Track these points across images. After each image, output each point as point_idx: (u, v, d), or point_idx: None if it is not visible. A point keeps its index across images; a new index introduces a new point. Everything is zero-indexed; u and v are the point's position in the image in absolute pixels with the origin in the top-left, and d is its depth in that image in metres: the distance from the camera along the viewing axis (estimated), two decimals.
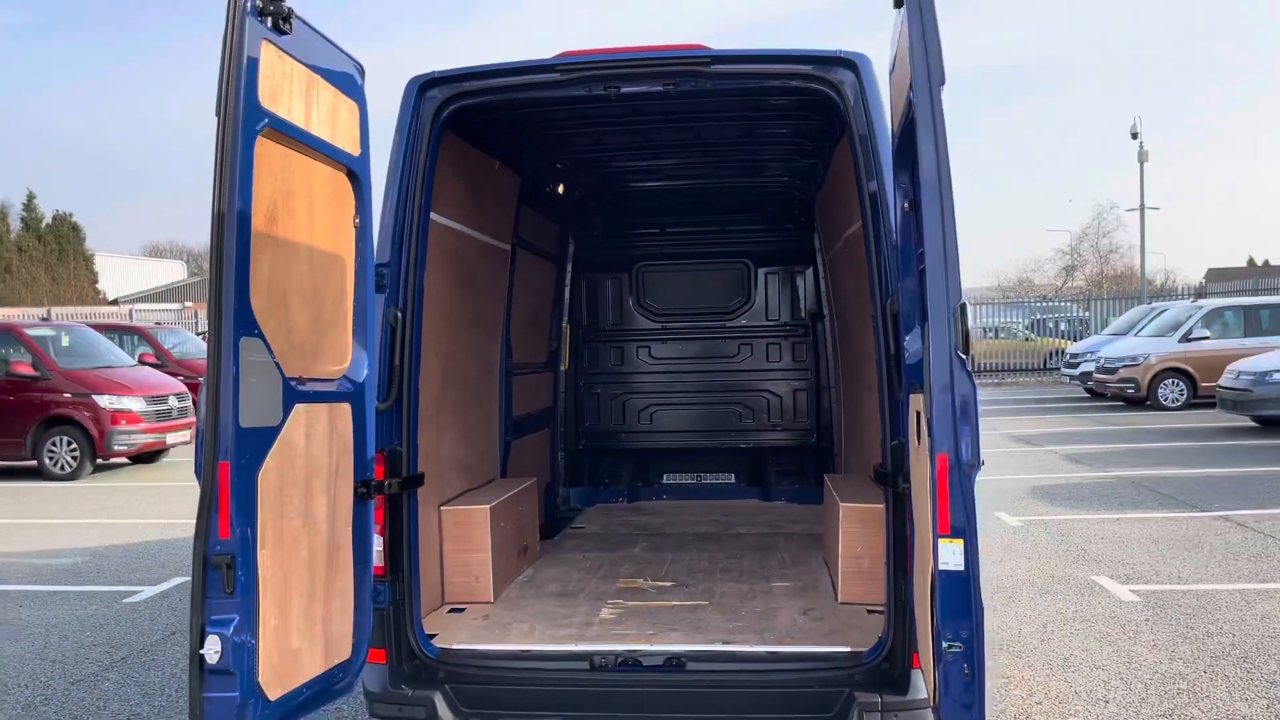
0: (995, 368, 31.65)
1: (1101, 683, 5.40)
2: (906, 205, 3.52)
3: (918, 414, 3.25)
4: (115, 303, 47.39)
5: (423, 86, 4.05)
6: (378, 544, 3.90)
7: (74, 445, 14.09)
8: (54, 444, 14.12)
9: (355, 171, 3.77)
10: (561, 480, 7.51)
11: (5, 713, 5.30)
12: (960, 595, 2.82)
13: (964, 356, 2.83)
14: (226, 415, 3.00)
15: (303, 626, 3.36)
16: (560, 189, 6.71)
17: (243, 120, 3.02)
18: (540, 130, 5.39)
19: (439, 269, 4.74)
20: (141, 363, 17.01)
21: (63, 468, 14.10)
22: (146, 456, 15.38)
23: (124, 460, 15.30)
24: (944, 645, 2.83)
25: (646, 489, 7.65)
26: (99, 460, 14.31)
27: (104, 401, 14.10)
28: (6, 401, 13.98)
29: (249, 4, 3.04)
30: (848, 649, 3.95)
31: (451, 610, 4.72)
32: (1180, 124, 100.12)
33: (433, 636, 4.14)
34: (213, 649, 2.95)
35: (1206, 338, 19.96)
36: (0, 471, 14.36)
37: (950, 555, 2.83)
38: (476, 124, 4.79)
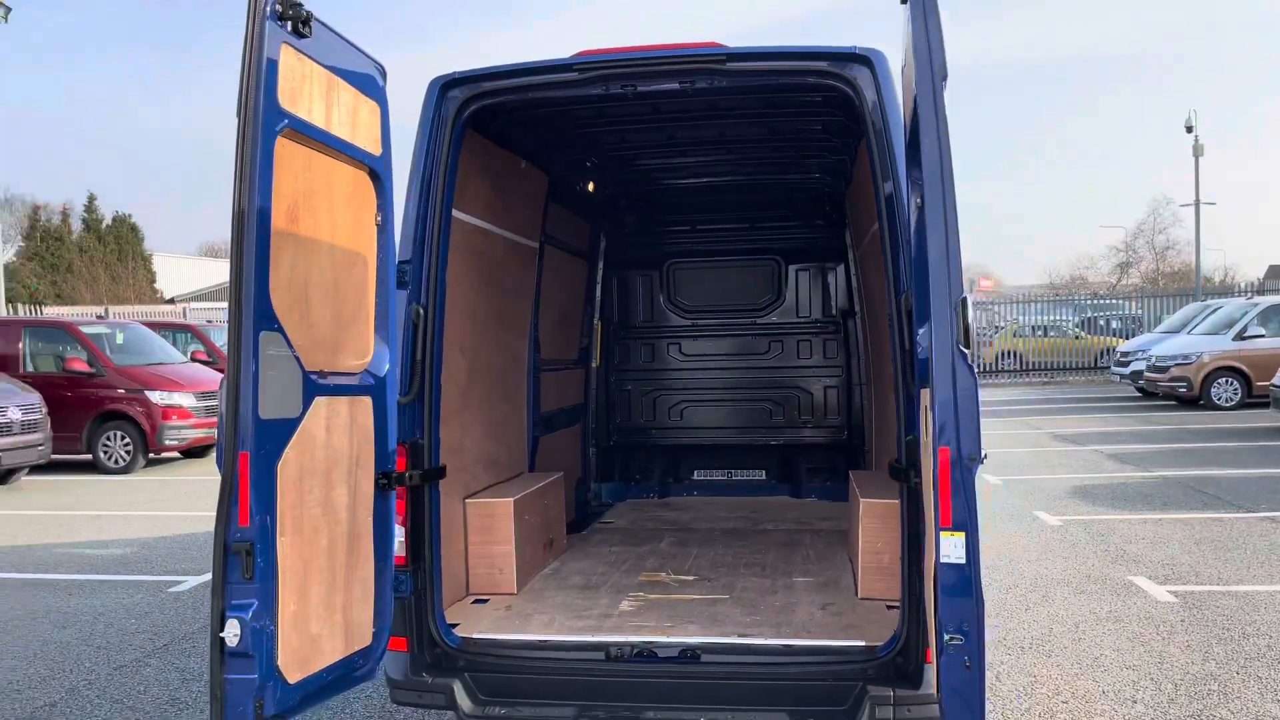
0: (1044, 366, 31.20)
1: (1131, 683, 5.35)
2: (918, 201, 3.52)
3: (925, 409, 3.26)
4: (172, 301, 48.38)
5: (444, 87, 4.13)
6: (399, 534, 3.99)
7: (127, 440, 14.47)
8: (108, 438, 14.52)
9: (377, 171, 3.86)
10: (593, 475, 7.58)
11: (50, 696, 5.49)
12: (961, 588, 2.83)
13: (965, 350, 2.84)
14: (246, 407, 3.10)
15: (322, 613, 3.46)
16: (590, 187, 6.77)
17: (262, 121, 3.11)
18: (565, 129, 5.45)
19: (463, 266, 4.82)
20: (193, 360, 17.41)
21: (116, 461, 14.49)
22: (196, 451, 15.74)
23: (175, 454, 15.67)
24: (945, 638, 2.84)
25: (677, 485, 7.70)
26: (151, 454, 14.68)
27: (156, 397, 14.46)
28: (63, 397, 14.38)
29: (269, 8, 3.14)
30: (863, 643, 3.96)
31: (475, 601, 4.81)
32: (1242, 117, 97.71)
33: (454, 626, 4.22)
34: (232, 632, 3.05)
35: (1262, 335, 19.51)
36: (58, 465, 14.77)
37: (951, 548, 2.84)
38: (500, 124, 4.87)
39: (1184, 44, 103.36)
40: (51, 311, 34.00)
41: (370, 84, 3.78)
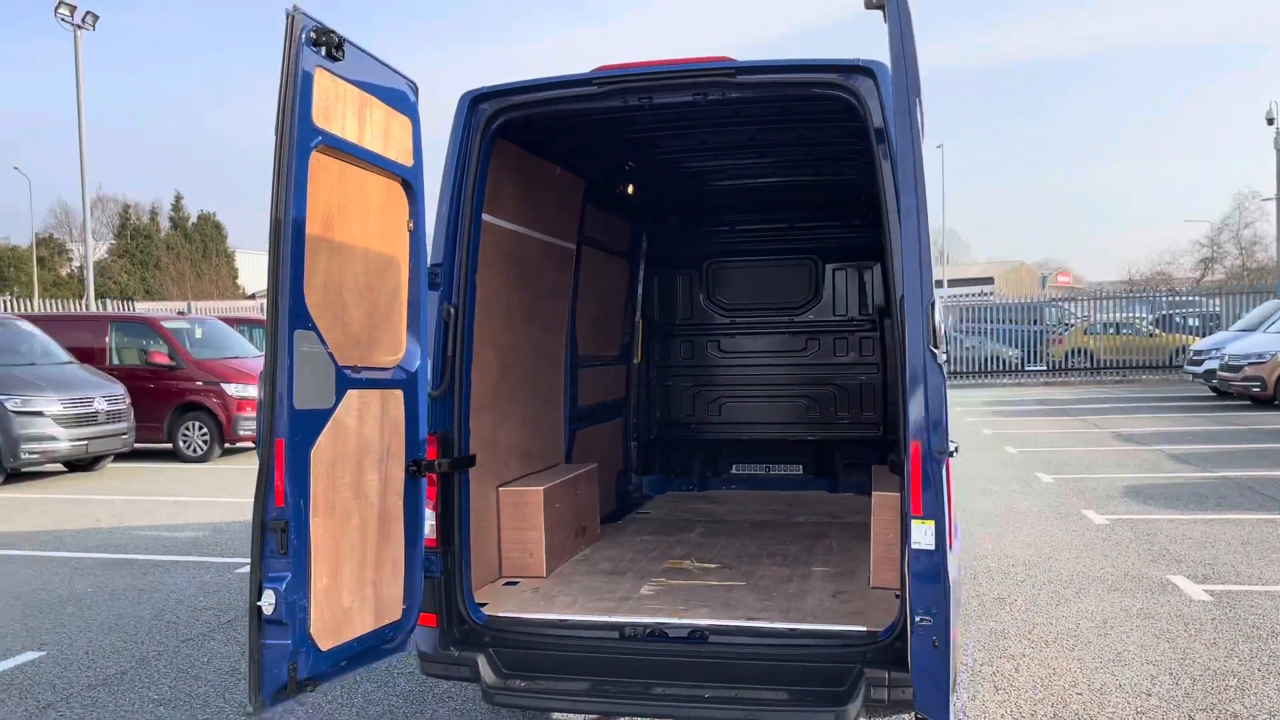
0: (1117, 365, 30.60)
1: (1149, 677, 5.43)
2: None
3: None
4: (253, 297, 49.95)
5: (473, 101, 4.42)
6: (430, 518, 4.29)
7: (205, 430, 15.19)
8: (187, 428, 15.25)
9: (409, 181, 4.16)
10: (634, 468, 7.84)
11: (121, 665, 5.94)
12: (930, 572, 3.02)
13: (935, 350, 3.02)
14: (282, 398, 3.42)
15: (353, 588, 3.78)
16: (630, 189, 7.02)
17: (297, 139, 3.43)
18: (598, 137, 5.71)
19: (496, 268, 5.11)
20: None
21: (195, 450, 15.21)
22: None
23: (249, 444, 16.36)
24: (916, 618, 3.04)
25: (716, 478, 7.92)
26: (226, 444, 15.37)
27: (231, 390, 15.15)
28: (146, 389, 15.13)
29: (304, 35, 3.45)
30: (864, 629, 4.15)
31: (507, 583, 5.10)
32: None
33: (483, 605, 4.51)
34: (268, 602, 3.38)
35: None
36: (141, 453, 15.53)
37: (922, 535, 3.03)
38: (532, 133, 5.14)
39: (1269, 34, 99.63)
40: (141, 307, 35.40)
41: (402, 100, 4.08)
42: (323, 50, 3.54)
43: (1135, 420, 18.51)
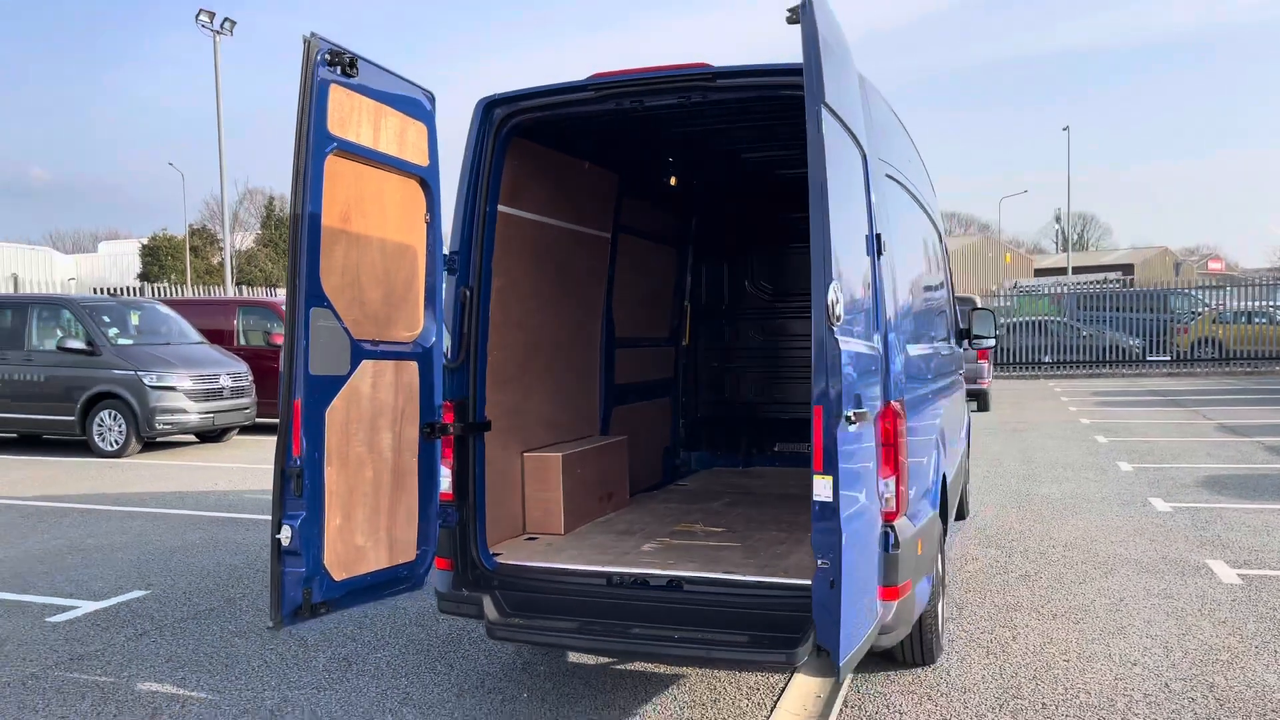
0: (1247, 356, 29.26)
1: (1142, 649, 5.62)
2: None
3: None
4: None
5: (487, 106, 4.97)
6: (447, 475, 4.88)
7: None
8: None
9: (425, 179, 4.75)
10: (681, 444, 8.32)
11: (211, 603, 6.78)
12: (829, 521, 3.43)
13: (832, 327, 3.42)
14: (299, 365, 4.05)
15: (366, 529, 4.40)
16: (673, 181, 7.48)
17: (313, 145, 4.05)
18: (628, 134, 6.17)
19: (522, 255, 5.66)
20: None
21: None
22: None
23: None
24: (818, 561, 3.45)
25: (760, 455, 8.33)
26: None
27: None
28: (269, 368, 16.38)
29: (320, 56, 4.07)
30: None
31: (528, 538, 5.67)
32: None
33: (497, 554, 5.09)
34: (285, 535, 4.02)
35: None
36: (262, 427, 16.81)
37: (822, 489, 3.44)
38: (554, 133, 5.66)
39: None
40: (282, 293, 37.62)
41: (417, 108, 4.67)
42: (337, 69, 4.14)
43: (1247, 413, 17.89)
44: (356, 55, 4.22)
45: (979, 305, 19.43)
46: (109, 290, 32.65)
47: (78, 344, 14.10)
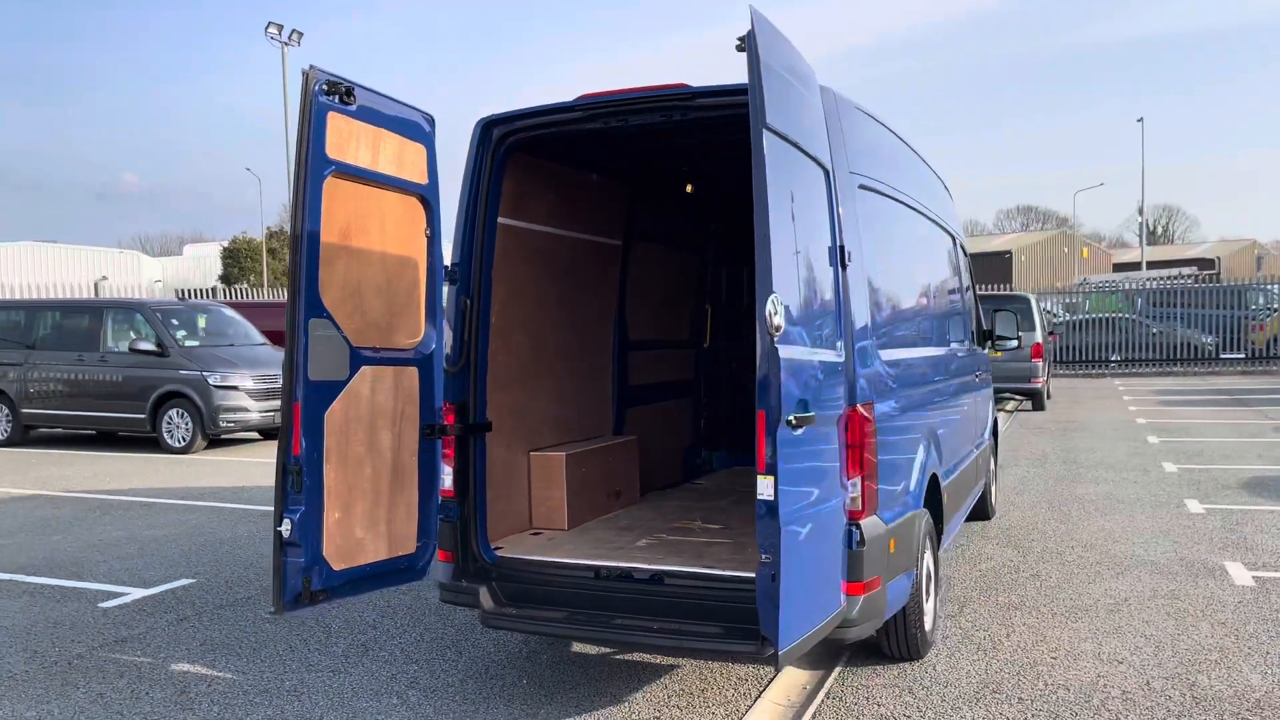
0: None
1: (1133, 648, 5.70)
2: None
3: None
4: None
5: (485, 126, 5.26)
6: (449, 473, 5.20)
7: None
8: None
9: (425, 196, 5.08)
10: (703, 443, 8.54)
11: (249, 592, 7.21)
12: (770, 519, 3.65)
13: (773, 336, 3.64)
14: (298, 370, 4.40)
15: (365, 523, 4.74)
16: (689, 188, 7.70)
17: (311, 168, 4.39)
18: (625, 147, 6.42)
19: (527, 264, 5.95)
20: None
21: None
22: None
23: None
24: (762, 556, 3.68)
25: None
26: None
27: None
28: None
29: (318, 86, 4.41)
30: None
31: (533, 533, 5.97)
32: None
33: (498, 548, 5.40)
34: (285, 528, 4.38)
35: None
36: None
37: (764, 488, 3.66)
38: (556, 149, 5.93)
39: None
40: None
41: (416, 130, 4.99)
42: (335, 97, 4.48)
43: None
44: (354, 84, 4.56)
45: (1034, 303, 19.26)
46: (186, 293, 33.95)
47: (148, 346, 14.85)
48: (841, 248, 4.51)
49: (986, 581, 7.19)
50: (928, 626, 5.62)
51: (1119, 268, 72.34)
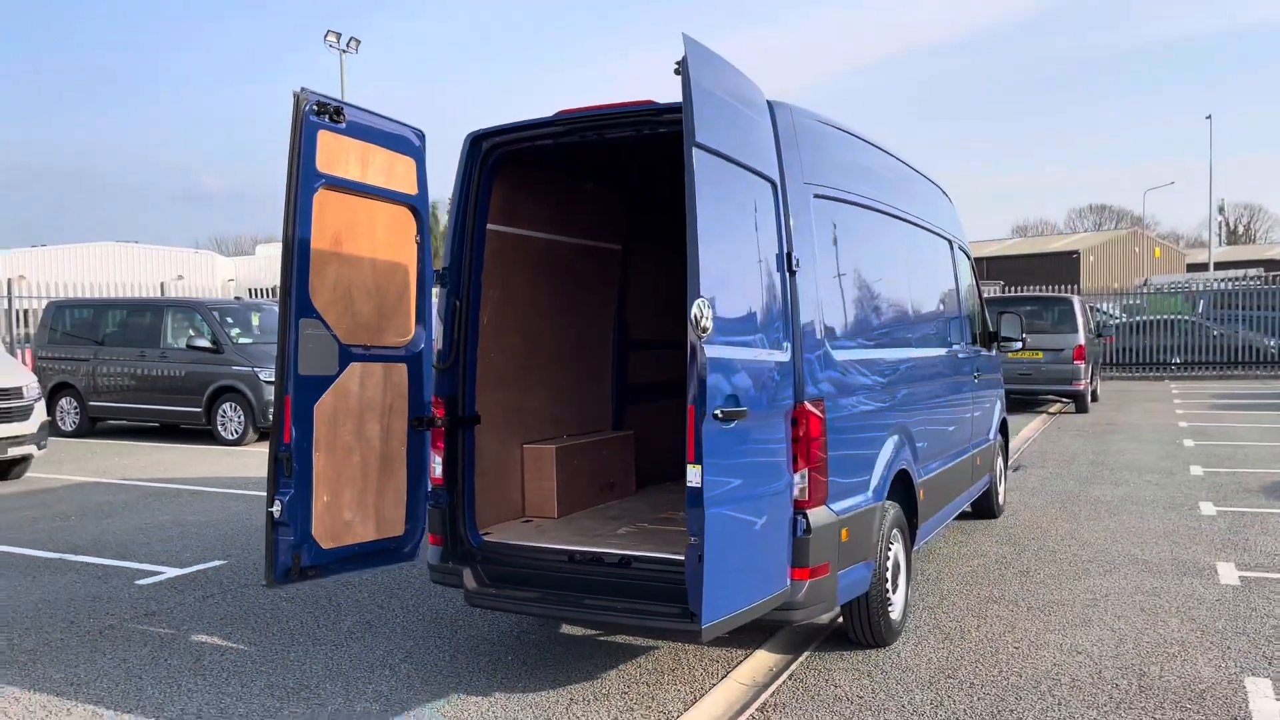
0: None
1: (1096, 640, 5.88)
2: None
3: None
4: None
5: (474, 140, 5.63)
6: (438, 462, 5.59)
7: None
8: None
9: (415, 206, 5.48)
10: None
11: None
12: (696, 504, 3.97)
13: (700, 337, 3.96)
14: (289, 366, 4.84)
15: (354, 507, 5.17)
16: None
17: (302, 181, 4.82)
18: (617, 157, 6.75)
19: (521, 267, 6.33)
20: None
21: None
22: None
23: None
24: (691, 539, 4.00)
25: None
26: None
27: None
28: None
29: (309, 107, 4.84)
30: None
31: (524, 521, 6.35)
32: None
33: (487, 534, 5.79)
34: (276, 509, 4.81)
35: None
36: None
37: (693, 475, 3.98)
38: (549, 160, 6.29)
39: None
40: None
41: (406, 144, 5.40)
42: (325, 117, 4.91)
43: None
44: (343, 104, 4.98)
45: (1076, 305, 19.14)
46: (255, 292, 35.11)
47: (204, 343, 15.60)
48: (789, 255, 4.81)
49: (975, 576, 7.39)
50: (895, 615, 5.87)
51: (1193, 268, 70.57)
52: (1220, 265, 50.89)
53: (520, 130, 5.56)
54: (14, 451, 11.95)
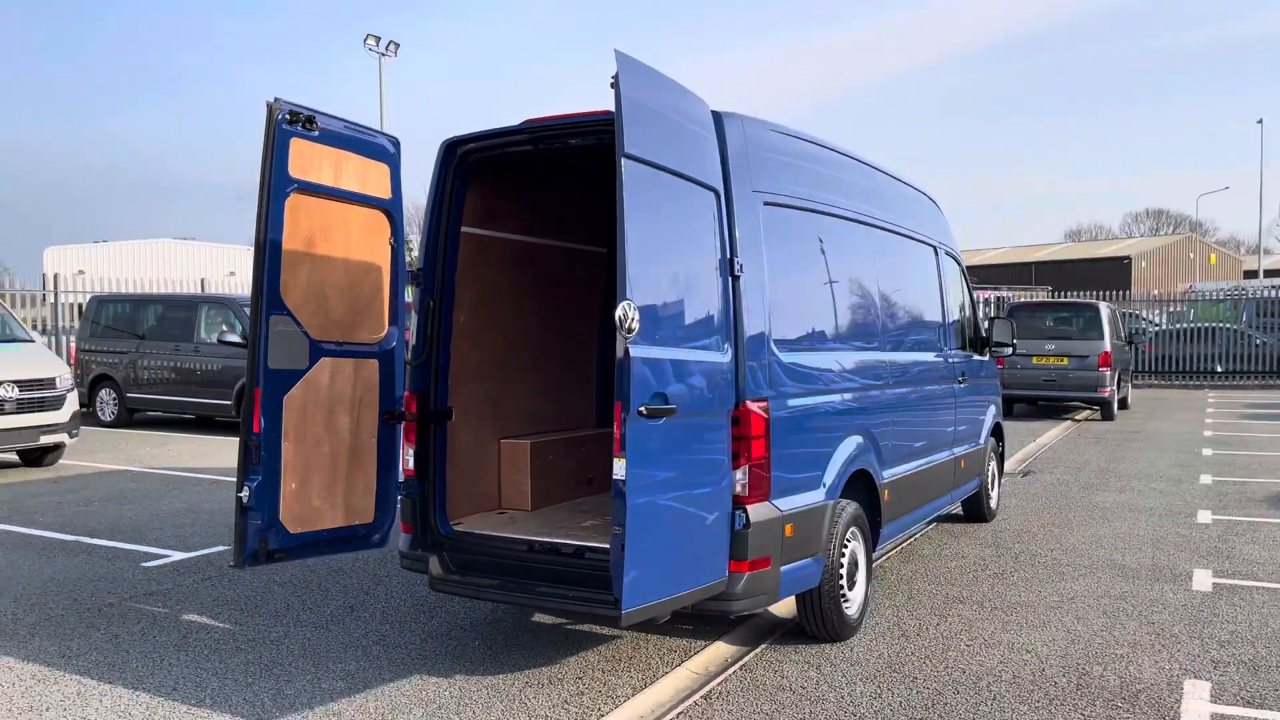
0: None
1: (1047, 641, 5.99)
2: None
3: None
4: None
5: (449, 146, 5.88)
6: (410, 454, 5.86)
7: None
8: None
9: (389, 209, 5.76)
10: None
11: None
12: (619, 496, 4.18)
13: (625, 337, 4.17)
14: (260, 360, 5.13)
15: (323, 494, 5.45)
16: None
17: (274, 185, 5.10)
18: (599, 161, 6.96)
19: (500, 269, 6.58)
20: None
21: None
22: None
23: None
24: (615, 528, 4.22)
25: None
26: None
27: None
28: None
29: (281, 117, 5.12)
30: None
31: (499, 512, 6.60)
32: None
33: (457, 524, 6.04)
34: (245, 494, 5.11)
35: None
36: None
37: (618, 469, 4.19)
38: (525, 166, 6.52)
39: None
40: None
41: (379, 151, 5.68)
42: (297, 125, 5.19)
43: None
44: (315, 113, 5.27)
45: (1103, 312, 19.01)
46: None
47: (234, 337, 16.10)
48: (732, 260, 5.00)
49: (949, 576, 7.51)
50: (851, 611, 6.03)
51: (1250, 275, 69.06)
52: (1270, 273, 49.81)
53: (490, 138, 5.81)
54: (46, 439, 12.48)
